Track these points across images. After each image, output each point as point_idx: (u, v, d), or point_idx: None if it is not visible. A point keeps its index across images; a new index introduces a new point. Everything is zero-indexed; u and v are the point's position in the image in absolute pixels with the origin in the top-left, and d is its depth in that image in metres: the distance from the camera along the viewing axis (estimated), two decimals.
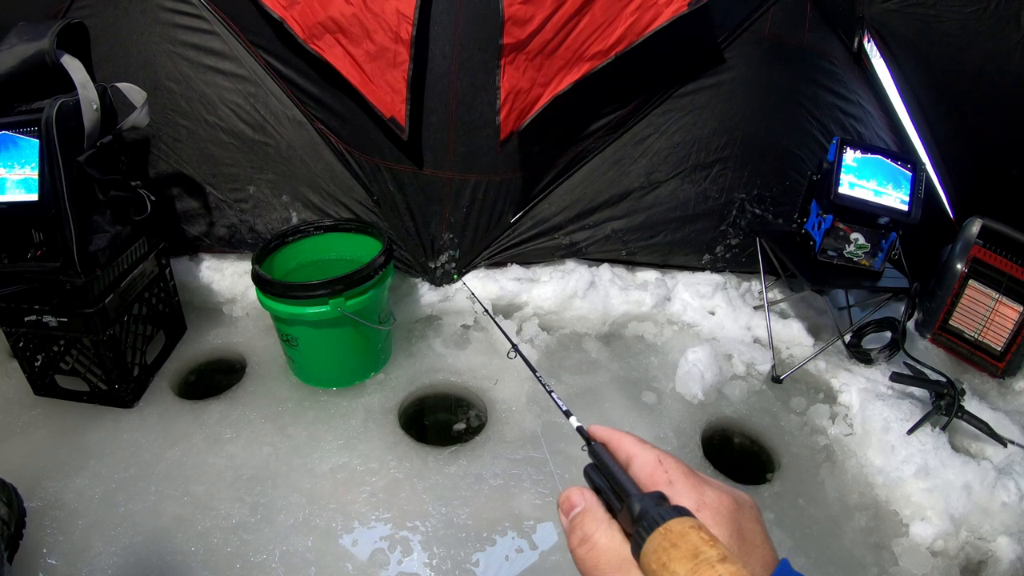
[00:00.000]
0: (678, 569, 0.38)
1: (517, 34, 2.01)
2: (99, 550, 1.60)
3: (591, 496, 0.49)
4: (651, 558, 0.40)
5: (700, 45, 2.34)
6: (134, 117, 1.90)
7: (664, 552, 0.39)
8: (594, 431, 0.54)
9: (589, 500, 0.48)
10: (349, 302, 1.90)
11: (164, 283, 2.19)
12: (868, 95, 2.63)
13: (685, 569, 0.37)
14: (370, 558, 1.60)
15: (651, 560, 0.40)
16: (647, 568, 0.40)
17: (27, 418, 1.98)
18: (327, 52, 2.11)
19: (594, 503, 0.48)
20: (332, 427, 1.97)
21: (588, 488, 0.50)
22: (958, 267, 2.33)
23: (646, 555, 0.40)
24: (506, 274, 2.46)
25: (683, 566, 0.38)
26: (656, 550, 0.39)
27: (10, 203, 1.73)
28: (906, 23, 2.30)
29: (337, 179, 2.37)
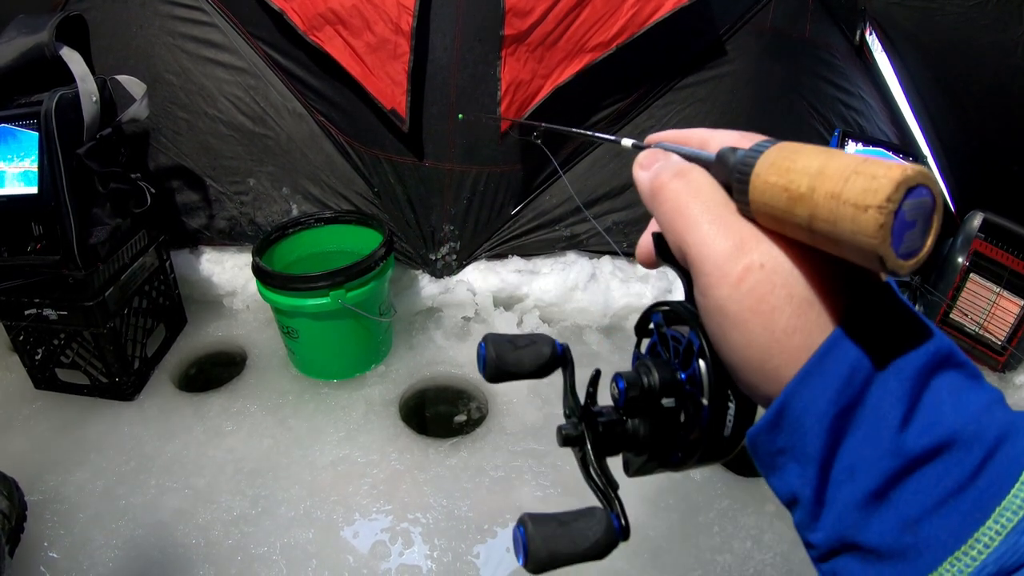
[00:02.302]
0: (810, 162, 0.30)
1: (518, 25, 2.01)
2: (100, 543, 1.60)
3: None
4: (769, 172, 0.32)
5: (701, 37, 2.33)
6: (134, 110, 1.90)
7: (785, 158, 0.31)
8: (652, 137, 0.44)
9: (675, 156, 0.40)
10: (350, 294, 1.90)
11: (164, 276, 2.18)
12: (870, 88, 2.62)
13: (819, 160, 0.30)
14: (371, 550, 1.60)
15: (769, 173, 0.32)
16: (763, 186, 0.32)
17: (28, 411, 1.98)
18: (327, 44, 2.10)
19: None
20: (333, 419, 1.97)
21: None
22: (959, 261, 2.32)
23: (760, 173, 0.32)
24: (507, 266, 2.46)
25: (815, 158, 0.30)
26: (776, 160, 0.32)
27: (10, 196, 1.72)
28: (908, 16, 2.29)
29: (337, 171, 2.37)
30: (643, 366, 0.42)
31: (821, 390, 0.32)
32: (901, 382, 0.31)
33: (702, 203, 0.36)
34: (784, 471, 0.34)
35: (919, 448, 0.30)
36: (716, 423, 0.39)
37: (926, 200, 0.28)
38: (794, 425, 0.33)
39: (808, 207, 0.29)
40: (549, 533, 0.39)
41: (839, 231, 0.28)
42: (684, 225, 0.36)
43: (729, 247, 0.34)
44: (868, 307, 0.33)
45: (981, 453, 0.29)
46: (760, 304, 0.33)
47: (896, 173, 0.27)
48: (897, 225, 0.27)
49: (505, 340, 0.47)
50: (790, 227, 0.32)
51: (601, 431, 0.44)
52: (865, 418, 0.31)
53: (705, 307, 0.36)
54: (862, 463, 0.31)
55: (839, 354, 0.32)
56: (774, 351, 0.33)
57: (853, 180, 0.28)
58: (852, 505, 0.31)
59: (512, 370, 0.47)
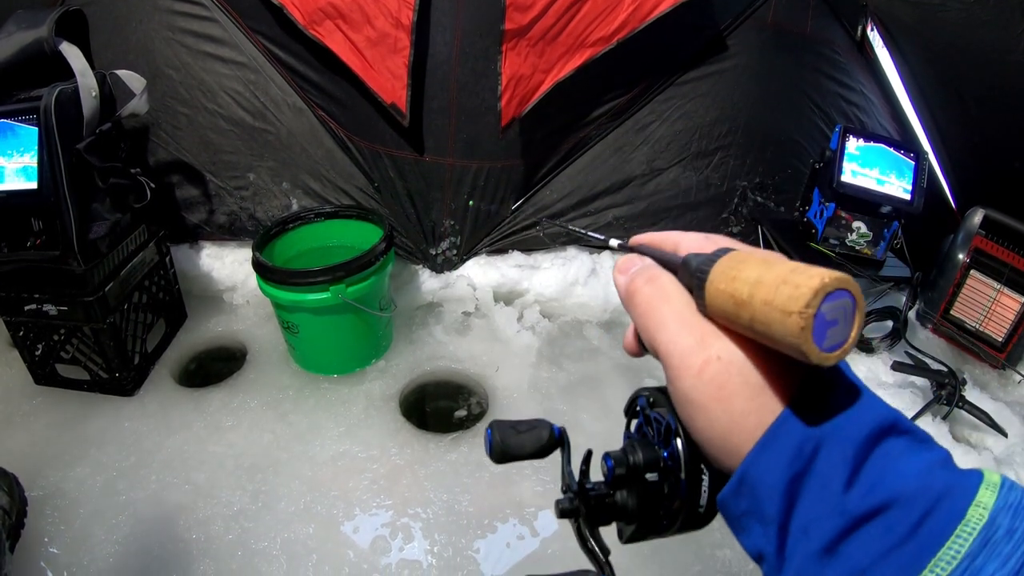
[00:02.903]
0: (750, 272, 0.35)
1: (519, 20, 2.00)
2: (100, 538, 1.60)
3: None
4: (719, 279, 0.37)
5: (702, 32, 2.32)
6: (133, 104, 1.89)
7: (732, 268, 0.36)
8: (635, 240, 0.50)
9: (649, 260, 0.46)
10: (350, 289, 1.90)
11: (164, 271, 2.18)
12: (871, 83, 2.62)
13: (758, 270, 0.34)
14: (371, 545, 1.61)
15: (719, 281, 0.37)
16: (715, 292, 0.37)
17: (28, 407, 1.98)
18: (327, 38, 2.10)
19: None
20: (333, 414, 1.97)
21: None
22: (960, 257, 2.32)
23: (713, 281, 0.37)
24: (507, 261, 2.46)
25: (755, 268, 0.35)
26: (724, 270, 0.37)
27: (9, 192, 1.72)
28: (910, 11, 2.28)
29: (337, 166, 2.36)
30: (630, 446, 0.47)
31: (775, 461, 0.36)
32: (844, 450, 0.35)
33: (668, 306, 0.42)
34: (750, 531, 0.39)
35: (862, 508, 0.33)
36: (693, 492, 0.43)
37: (846, 301, 0.32)
38: (754, 491, 0.37)
39: (749, 311, 0.34)
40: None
41: (772, 332, 0.33)
42: (655, 324, 0.42)
43: (692, 343, 0.39)
44: (815, 387, 0.37)
45: (920, 510, 0.32)
46: (720, 391, 0.38)
47: (815, 282, 0.31)
48: (818, 325, 0.31)
49: (508, 426, 0.54)
50: (738, 326, 0.37)
51: (593, 504, 0.49)
52: (814, 483, 0.35)
53: (674, 394, 0.41)
54: (813, 522, 0.35)
55: (788, 429, 0.36)
56: (733, 431, 0.38)
57: (781, 288, 0.32)
58: (808, 559, 0.35)
59: (515, 453, 0.53)
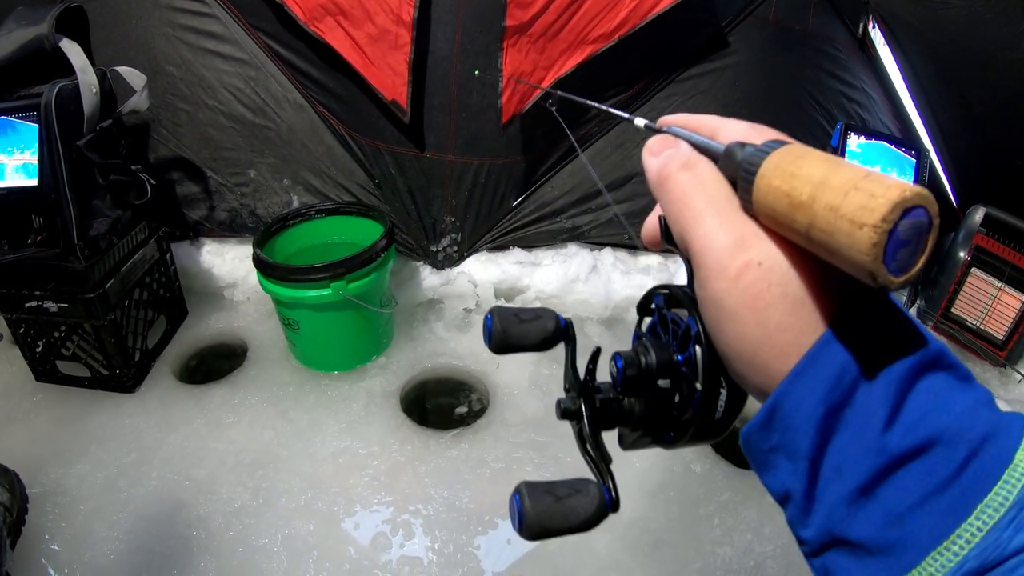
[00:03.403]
0: (813, 171, 0.30)
1: (519, 16, 2.00)
2: (101, 535, 1.60)
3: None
4: (773, 174, 0.32)
5: (704, 29, 2.32)
6: (134, 101, 1.89)
7: (791, 163, 0.32)
8: (666, 120, 0.45)
9: (685, 144, 0.40)
10: (351, 285, 1.89)
11: (165, 268, 2.18)
12: (872, 81, 2.61)
13: (822, 169, 0.30)
14: (372, 542, 1.61)
15: (773, 176, 0.32)
16: (767, 189, 0.33)
17: (28, 404, 1.98)
18: (328, 34, 2.09)
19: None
20: (334, 411, 1.97)
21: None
22: (961, 255, 2.31)
23: (765, 175, 0.33)
24: (508, 257, 2.46)
25: (819, 167, 0.30)
26: (780, 164, 0.32)
27: (10, 188, 1.72)
28: (911, 10, 2.28)
29: (338, 162, 2.36)
30: (642, 346, 0.44)
31: (811, 390, 0.33)
32: (887, 384, 0.32)
33: (707, 197, 0.37)
34: (776, 469, 0.36)
35: (903, 447, 0.31)
36: (708, 407, 0.40)
37: (922, 221, 0.29)
38: (785, 423, 0.34)
39: (808, 215, 0.30)
40: (543, 507, 0.40)
41: (835, 243, 0.29)
42: (688, 217, 0.37)
43: (729, 243, 0.35)
44: (859, 310, 0.34)
45: (965, 451, 0.30)
46: (755, 300, 0.34)
47: (894, 194, 0.27)
48: (891, 244, 0.28)
49: (511, 313, 0.48)
50: (789, 231, 0.32)
51: (598, 407, 0.45)
52: (852, 418, 0.32)
53: (703, 298, 0.37)
54: (849, 461, 0.32)
55: (828, 356, 0.33)
56: (765, 346, 0.34)
57: (852, 195, 0.28)
58: (840, 501, 0.32)
59: (517, 343, 0.48)
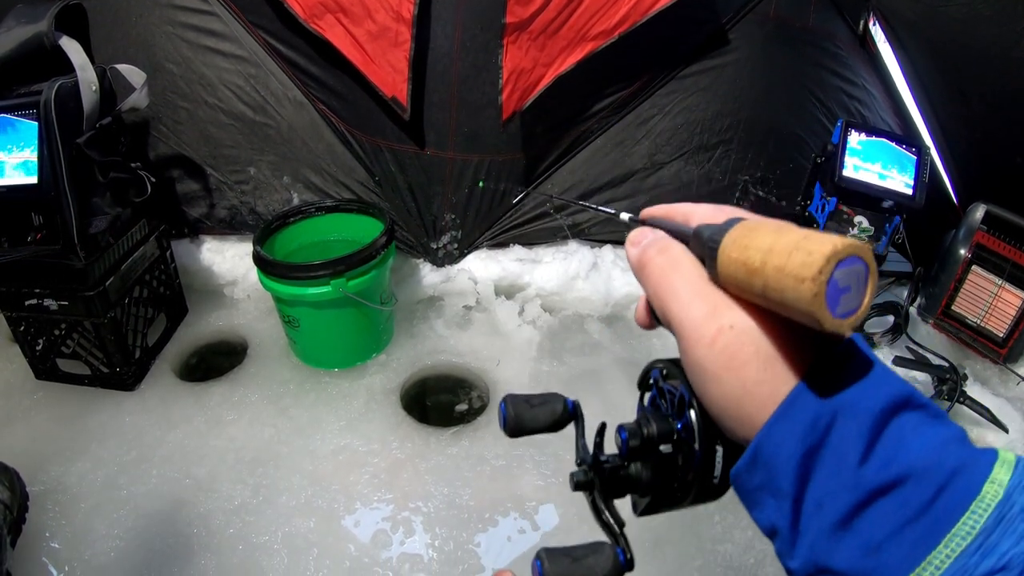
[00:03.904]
0: (762, 240, 0.34)
1: (520, 13, 1.99)
2: (101, 533, 1.60)
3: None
4: (731, 248, 0.37)
5: (704, 26, 2.31)
6: (133, 98, 1.89)
7: (744, 236, 0.36)
8: (646, 212, 0.51)
9: (661, 232, 0.46)
10: (351, 283, 1.89)
11: (165, 265, 2.18)
12: (873, 78, 2.61)
13: (770, 238, 0.34)
14: (372, 539, 1.61)
15: (731, 249, 0.36)
16: (727, 261, 0.37)
17: (29, 402, 1.98)
18: (328, 32, 2.09)
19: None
20: (334, 408, 1.97)
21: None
22: (961, 252, 2.31)
23: (725, 249, 0.37)
24: (508, 255, 2.45)
25: (767, 236, 0.34)
26: (736, 238, 0.36)
27: (9, 186, 1.72)
28: (912, 7, 2.28)
29: (338, 160, 2.36)
30: (644, 418, 0.47)
31: (789, 433, 0.36)
32: (860, 424, 0.35)
33: (681, 276, 0.42)
34: (763, 505, 0.39)
35: (877, 482, 0.33)
36: (707, 464, 0.43)
37: (858, 267, 0.32)
38: (768, 464, 0.37)
39: (761, 278, 0.34)
40: (562, 569, 0.44)
41: (785, 298, 0.33)
42: (666, 294, 0.42)
43: (704, 313, 0.39)
44: (830, 360, 0.37)
45: (936, 485, 0.32)
46: (732, 361, 0.38)
47: (827, 248, 0.31)
48: (831, 291, 0.31)
49: (522, 400, 0.53)
50: (750, 294, 0.36)
51: (607, 476, 0.49)
52: (828, 457, 0.35)
53: (686, 364, 0.41)
54: (828, 496, 0.35)
55: (803, 403, 0.36)
56: (745, 400, 0.38)
57: (794, 255, 0.32)
58: (822, 534, 0.35)
59: (529, 427, 0.54)
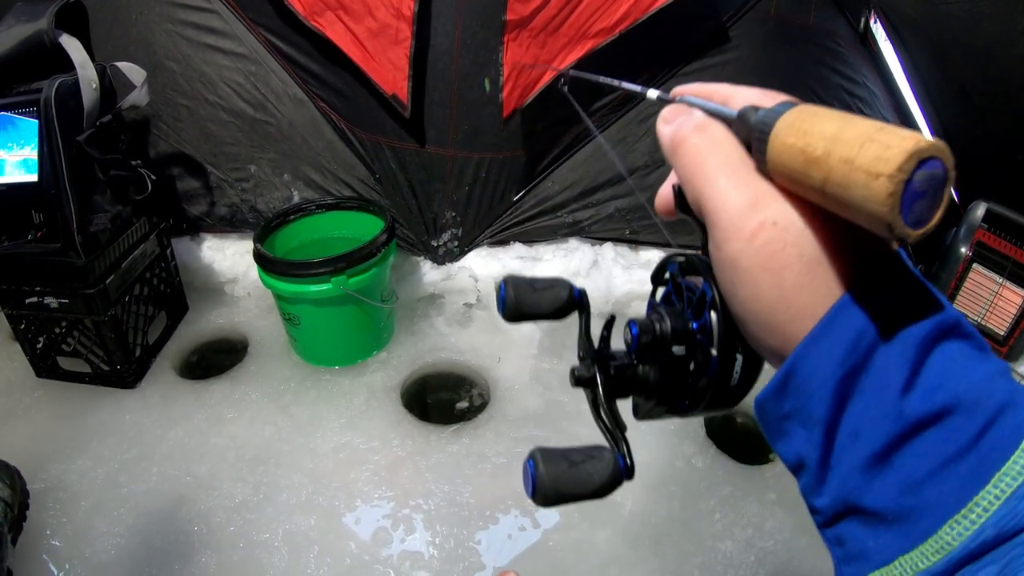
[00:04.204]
0: (827, 126, 0.30)
1: (520, 10, 1.99)
2: (102, 531, 1.60)
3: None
4: (787, 133, 0.32)
5: (705, 24, 2.31)
6: (134, 96, 1.89)
7: (804, 120, 0.32)
8: (679, 90, 0.44)
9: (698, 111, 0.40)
10: (351, 280, 1.89)
11: (165, 263, 2.18)
12: (874, 76, 2.61)
13: (836, 124, 0.30)
14: (373, 536, 1.61)
15: (787, 134, 0.32)
16: (781, 147, 0.33)
17: (29, 400, 1.98)
18: (328, 29, 2.09)
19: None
20: (334, 406, 1.97)
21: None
22: (962, 251, 2.31)
23: (779, 134, 0.33)
24: (509, 252, 2.45)
25: (833, 122, 0.30)
26: (794, 122, 0.32)
27: (10, 184, 1.72)
28: (913, 4, 2.27)
29: (339, 157, 2.36)
30: (656, 314, 0.43)
31: (827, 354, 0.32)
32: (905, 349, 0.31)
33: (720, 158, 0.37)
34: (790, 436, 0.36)
35: (921, 413, 0.30)
36: (724, 373, 0.40)
37: (938, 172, 0.29)
38: (800, 389, 0.34)
39: (823, 170, 0.30)
40: (558, 472, 0.40)
41: (851, 196, 0.29)
42: (702, 179, 0.37)
43: (744, 203, 0.35)
44: (877, 274, 0.33)
45: (983, 419, 0.30)
46: (770, 260, 0.34)
47: (909, 144, 0.27)
48: (907, 194, 0.28)
49: (525, 282, 0.48)
50: (805, 189, 0.32)
51: (612, 374, 0.45)
52: (869, 383, 0.32)
53: (718, 260, 0.37)
54: (865, 427, 0.32)
55: (846, 319, 0.32)
56: (780, 307, 0.34)
57: (867, 147, 0.28)
58: (855, 468, 0.32)
59: (530, 311, 0.48)
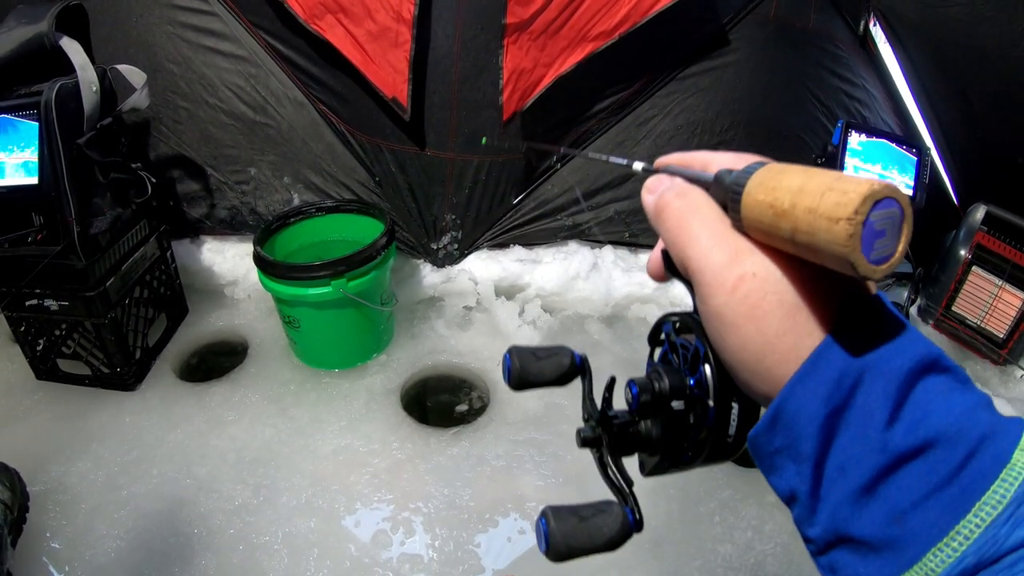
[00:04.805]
0: (791, 181, 0.33)
1: (520, 14, 1.99)
2: (102, 533, 1.60)
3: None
4: (757, 190, 0.35)
5: (705, 27, 2.32)
6: (134, 99, 1.89)
7: (772, 178, 0.34)
8: (662, 160, 0.48)
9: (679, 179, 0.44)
10: (351, 283, 1.90)
11: (165, 265, 2.18)
12: (873, 79, 2.61)
13: (800, 179, 0.33)
14: (372, 539, 1.61)
15: (757, 192, 0.35)
16: (753, 204, 0.35)
17: (29, 402, 1.98)
18: (328, 32, 2.09)
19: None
20: (334, 409, 1.97)
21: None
22: (961, 253, 2.31)
23: (751, 192, 0.35)
24: (508, 255, 2.45)
25: (796, 177, 0.33)
26: (763, 180, 0.35)
27: (10, 187, 1.72)
28: (912, 7, 2.28)
29: (339, 160, 2.36)
30: (655, 373, 0.45)
31: (812, 393, 0.34)
32: (887, 384, 0.33)
33: (701, 220, 0.39)
34: (782, 470, 0.37)
35: (904, 446, 0.32)
36: (721, 422, 0.41)
37: (894, 211, 0.31)
38: (789, 426, 0.35)
39: (791, 221, 0.32)
40: (569, 529, 0.42)
41: (816, 242, 0.31)
42: (685, 240, 0.39)
43: (725, 258, 0.37)
44: (856, 315, 0.35)
45: (964, 451, 0.31)
46: (753, 310, 0.36)
47: (864, 188, 0.30)
48: (866, 234, 0.30)
49: (528, 352, 0.50)
50: (777, 240, 0.35)
51: (616, 432, 0.47)
52: (854, 418, 0.33)
53: (705, 313, 0.39)
54: (852, 460, 0.33)
55: (828, 359, 0.34)
56: (767, 352, 0.36)
57: (827, 195, 0.31)
58: (844, 500, 0.33)
59: (535, 380, 0.50)
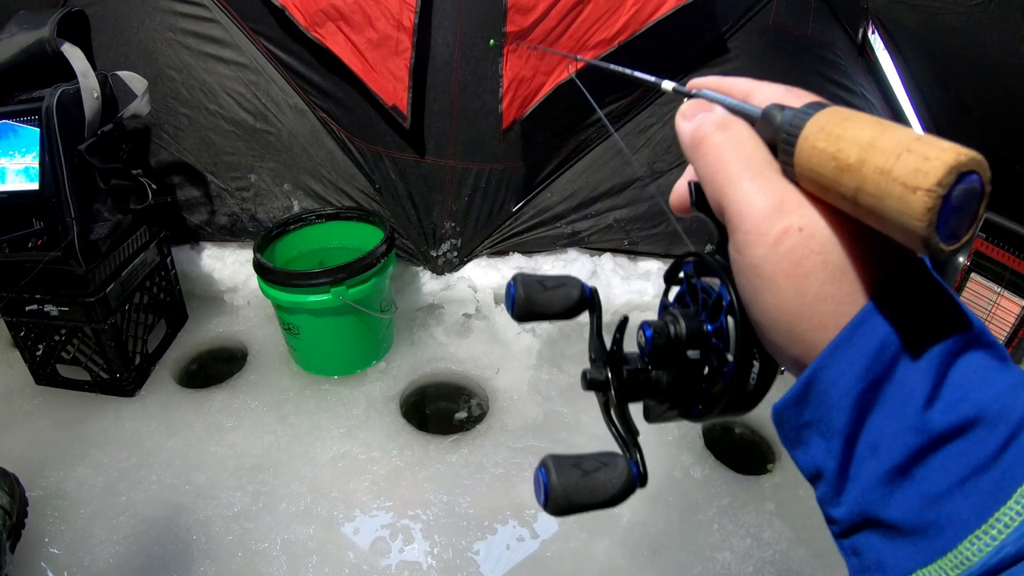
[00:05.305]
0: (861, 132, 0.29)
1: (520, 22, 2.00)
2: (101, 539, 1.60)
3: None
4: (817, 137, 0.31)
5: (704, 35, 2.33)
6: (135, 105, 1.90)
7: (836, 124, 0.30)
8: (697, 83, 0.42)
9: (719, 108, 0.39)
10: (351, 290, 1.90)
11: (165, 272, 2.18)
12: (872, 87, 2.62)
13: (871, 131, 0.29)
14: (371, 546, 1.61)
15: (818, 138, 0.31)
16: (810, 151, 0.31)
17: (28, 408, 1.98)
18: (329, 40, 2.10)
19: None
20: (334, 416, 1.97)
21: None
22: (960, 260, 2.31)
23: (808, 137, 0.31)
24: (508, 263, 2.46)
25: (867, 128, 0.29)
26: (825, 126, 0.31)
27: (11, 192, 1.73)
28: (911, 15, 2.29)
29: (339, 167, 2.37)
30: (670, 315, 0.42)
31: (850, 364, 0.32)
32: (929, 360, 0.31)
33: (744, 159, 0.36)
34: (809, 445, 0.35)
35: (943, 425, 0.30)
36: (740, 379, 0.38)
37: (976, 187, 0.27)
38: (821, 399, 0.33)
39: (855, 179, 0.29)
40: (570, 482, 0.40)
41: (884, 208, 0.28)
42: (724, 180, 0.36)
43: (769, 207, 0.34)
44: (901, 282, 0.33)
45: (1006, 432, 0.29)
46: (795, 268, 0.33)
47: (949, 156, 0.26)
48: (945, 209, 0.27)
49: (535, 280, 0.46)
50: (834, 196, 0.31)
51: (626, 377, 0.43)
52: (891, 394, 0.31)
53: (739, 264, 0.36)
54: (887, 439, 0.31)
55: (869, 329, 0.31)
56: (803, 315, 0.33)
57: (905, 158, 0.27)
58: (875, 480, 0.31)
59: (541, 310, 0.46)
